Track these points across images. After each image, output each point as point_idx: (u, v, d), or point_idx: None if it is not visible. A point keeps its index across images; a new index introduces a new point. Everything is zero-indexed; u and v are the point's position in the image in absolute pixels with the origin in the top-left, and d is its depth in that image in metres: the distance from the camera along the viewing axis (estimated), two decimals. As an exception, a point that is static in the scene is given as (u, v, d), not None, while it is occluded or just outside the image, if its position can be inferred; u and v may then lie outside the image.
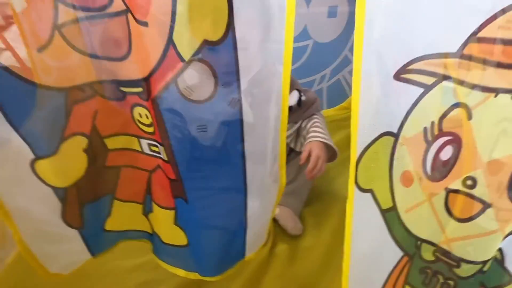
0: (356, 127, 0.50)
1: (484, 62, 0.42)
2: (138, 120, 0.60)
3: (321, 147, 0.89)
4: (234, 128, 0.55)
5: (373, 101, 0.48)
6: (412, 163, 0.50)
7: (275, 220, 0.97)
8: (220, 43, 0.49)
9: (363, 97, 0.48)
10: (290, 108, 0.94)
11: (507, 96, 0.43)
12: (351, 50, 1.47)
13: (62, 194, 0.60)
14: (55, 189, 0.59)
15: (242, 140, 0.57)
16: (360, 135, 0.51)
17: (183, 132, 0.55)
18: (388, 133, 0.50)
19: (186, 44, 0.48)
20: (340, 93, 1.53)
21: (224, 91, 0.52)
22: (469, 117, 0.45)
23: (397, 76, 0.46)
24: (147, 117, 0.57)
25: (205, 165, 0.59)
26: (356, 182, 0.54)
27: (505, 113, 0.43)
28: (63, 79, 0.54)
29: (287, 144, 1.04)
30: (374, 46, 0.45)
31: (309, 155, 0.88)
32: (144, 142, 0.63)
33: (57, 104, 0.55)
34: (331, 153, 0.93)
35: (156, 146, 0.60)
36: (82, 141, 0.59)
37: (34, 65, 0.51)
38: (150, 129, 0.58)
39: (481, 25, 0.41)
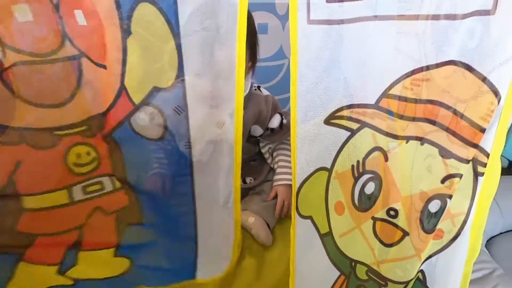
0: (295, 162, 0.57)
1: (395, 114, 0.49)
2: (73, 163, 0.59)
3: (286, 190, 0.99)
4: (184, 166, 0.61)
5: (306, 142, 0.54)
6: (343, 194, 0.57)
7: (248, 229, 1.02)
8: (170, 90, 0.54)
9: (299, 137, 0.55)
10: (273, 130, 1.02)
11: (417, 142, 0.50)
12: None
13: None
14: None
15: (191, 174, 0.62)
16: (298, 169, 0.57)
17: (137, 162, 0.59)
18: (323, 168, 0.57)
19: (137, 90, 0.54)
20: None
21: (173, 131, 0.58)
22: (386, 159, 0.52)
23: (327, 121, 0.53)
24: (88, 154, 0.59)
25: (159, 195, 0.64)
26: (297, 210, 0.60)
27: (415, 157, 0.50)
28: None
29: (267, 162, 1.11)
30: (305, 95, 0.52)
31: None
32: (77, 188, 0.62)
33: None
34: None
35: (97, 183, 0.61)
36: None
37: None
38: (90, 167, 0.60)
39: (391, 84, 0.48)
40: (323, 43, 0.49)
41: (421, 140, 0.49)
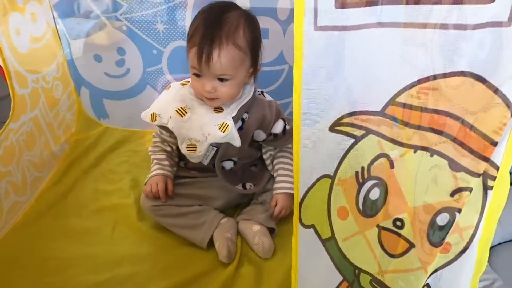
0: (298, 171, 0.56)
1: (401, 122, 0.48)
2: None
3: (286, 199, 1.01)
4: None
5: (310, 149, 0.53)
6: (347, 200, 0.56)
7: (251, 236, 1.01)
8: None
9: (303, 145, 0.54)
10: (276, 135, 1.02)
11: (422, 152, 0.49)
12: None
13: None
14: None
15: None
16: (302, 177, 0.56)
17: None
18: (326, 176, 0.56)
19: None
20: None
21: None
22: (391, 166, 0.51)
23: (332, 128, 0.52)
24: None
25: None
26: (300, 220, 0.59)
27: (420, 168, 0.49)
28: None
29: (268, 169, 1.10)
30: (310, 102, 0.50)
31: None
32: None
33: None
34: None
35: None
36: None
37: None
38: None
39: (398, 91, 0.47)
40: (329, 49, 0.48)
41: (428, 150, 0.48)
